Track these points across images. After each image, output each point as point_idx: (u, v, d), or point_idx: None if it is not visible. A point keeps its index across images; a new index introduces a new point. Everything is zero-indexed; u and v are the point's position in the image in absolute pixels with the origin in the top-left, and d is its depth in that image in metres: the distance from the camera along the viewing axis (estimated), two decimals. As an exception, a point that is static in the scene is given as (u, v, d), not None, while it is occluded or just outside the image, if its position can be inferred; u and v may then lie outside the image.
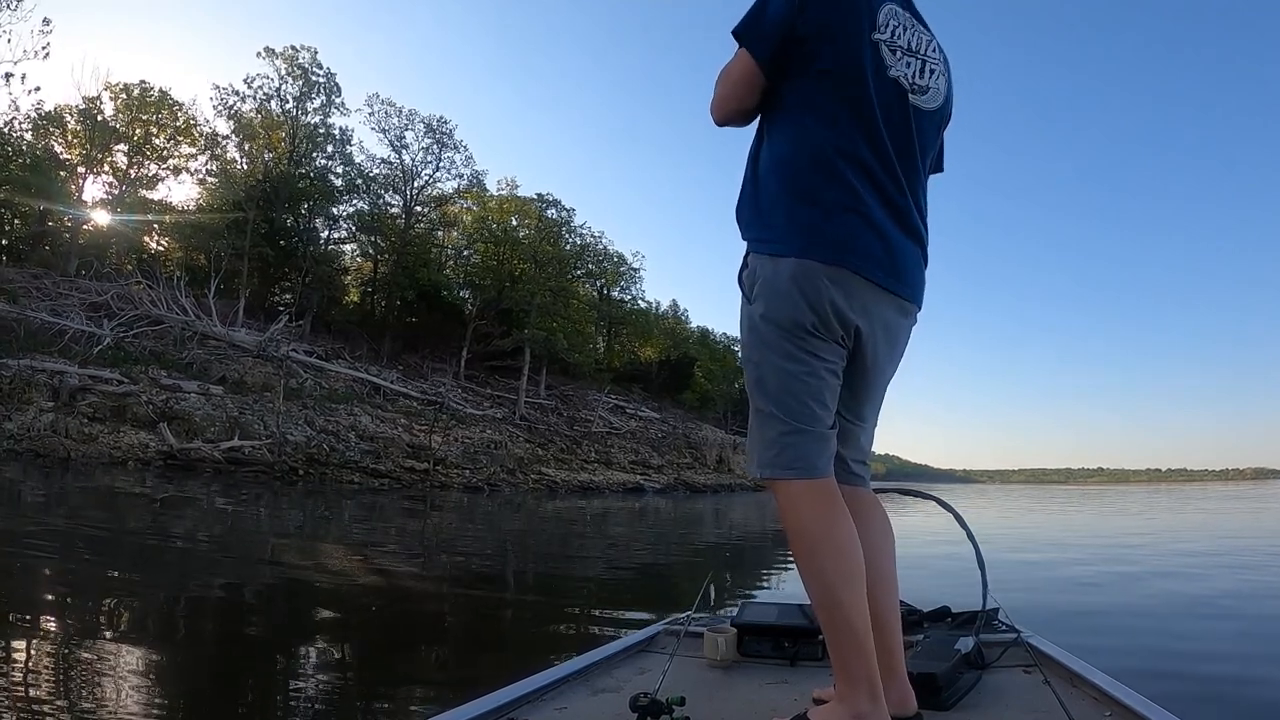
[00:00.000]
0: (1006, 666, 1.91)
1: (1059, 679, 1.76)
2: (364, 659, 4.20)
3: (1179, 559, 9.93)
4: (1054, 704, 1.53)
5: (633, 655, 2.16)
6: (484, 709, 1.54)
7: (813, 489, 1.48)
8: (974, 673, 1.80)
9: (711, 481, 40.10)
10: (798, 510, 1.47)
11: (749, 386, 1.57)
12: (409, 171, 39.93)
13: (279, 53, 35.10)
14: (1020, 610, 2.53)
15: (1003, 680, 1.82)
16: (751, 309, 1.56)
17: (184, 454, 19.59)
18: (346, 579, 6.98)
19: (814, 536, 1.45)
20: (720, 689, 1.83)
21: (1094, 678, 1.70)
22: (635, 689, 1.57)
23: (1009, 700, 1.66)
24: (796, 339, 1.50)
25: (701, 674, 1.97)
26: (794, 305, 1.49)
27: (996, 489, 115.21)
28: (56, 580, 5.73)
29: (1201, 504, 31.07)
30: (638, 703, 1.42)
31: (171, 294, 27.07)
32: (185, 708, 3.19)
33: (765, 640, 2.10)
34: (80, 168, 32.65)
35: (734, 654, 2.07)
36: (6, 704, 2.85)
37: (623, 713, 1.45)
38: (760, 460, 1.53)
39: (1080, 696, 1.67)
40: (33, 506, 10.87)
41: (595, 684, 1.86)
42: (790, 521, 1.48)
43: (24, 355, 20.70)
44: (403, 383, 32.59)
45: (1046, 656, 1.94)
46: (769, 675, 1.94)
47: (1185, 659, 4.24)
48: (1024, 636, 2.08)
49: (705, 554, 11.01)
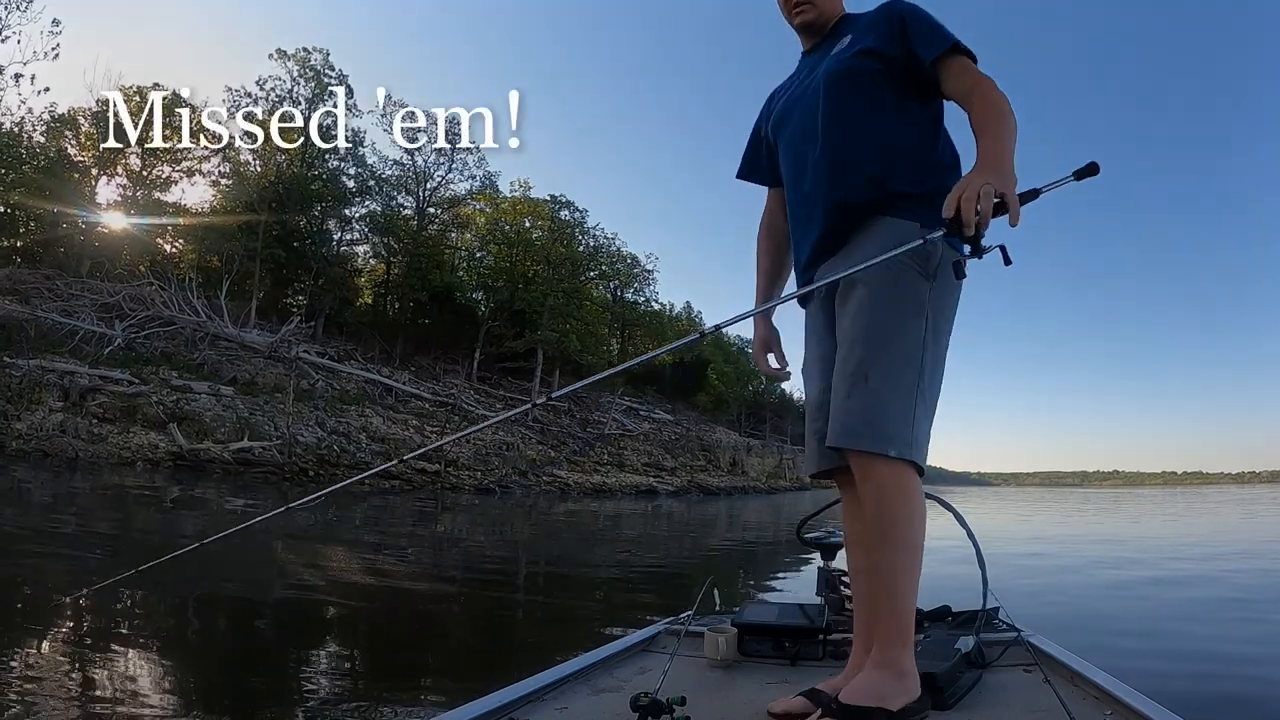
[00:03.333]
0: (1007, 666, 1.91)
1: (1060, 678, 1.76)
2: (374, 661, 4.21)
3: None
4: (1055, 703, 1.52)
5: (633, 655, 2.15)
6: (485, 709, 1.54)
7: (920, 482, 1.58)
8: (974, 672, 1.78)
9: (725, 484, 39.88)
10: (916, 498, 1.56)
11: (901, 363, 1.57)
12: (421, 172, 39.85)
13: (291, 54, 35.04)
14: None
15: (1003, 679, 1.81)
16: (928, 288, 1.59)
17: (193, 455, 19.46)
18: (356, 581, 6.94)
19: (921, 523, 1.56)
20: (721, 689, 1.83)
21: (1095, 677, 1.69)
22: (636, 689, 1.55)
23: (1009, 700, 1.66)
24: (950, 334, 1.64)
25: (702, 674, 1.97)
26: (957, 299, 1.64)
27: (1012, 491, 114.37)
28: (67, 580, 5.68)
29: (1231, 506, 30.60)
30: (638, 702, 1.42)
31: (183, 295, 27.02)
32: (198, 706, 3.21)
33: (766, 640, 2.09)
34: (94, 169, 32.68)
35: (734, 654, 2.06)
36: (18, 706, 2.88)
37: (623, 712, 1.45)
38: (902, 439, 1.54)
39: (1081, 695, 1.66)
40: (40, 506, 10.77)
41: (596, 684, 1.86)
42: (903, 507, 1.54)
43: (34, 356, 20.64)
44: (415, 384, 32.47)
45: (1047, 656, 1.93)
46: (769, 675, 1.93)
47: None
48: (1024, 636, 2.08)
49: (720, 557, 10.91)
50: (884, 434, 1.52)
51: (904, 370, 1.55)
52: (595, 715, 1.62)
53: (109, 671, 3.45)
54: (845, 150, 1.68)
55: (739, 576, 8.23)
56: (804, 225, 1.78)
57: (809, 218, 1.76)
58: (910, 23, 1.67)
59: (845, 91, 1.70)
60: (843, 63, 1.72)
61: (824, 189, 1.70)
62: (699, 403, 54.58)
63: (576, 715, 1.62)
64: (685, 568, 9.40)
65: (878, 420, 1.53)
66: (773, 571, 9.27)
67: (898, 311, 1.57)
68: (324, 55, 35.41)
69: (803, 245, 1.80)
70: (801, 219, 1.80)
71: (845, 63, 1.71)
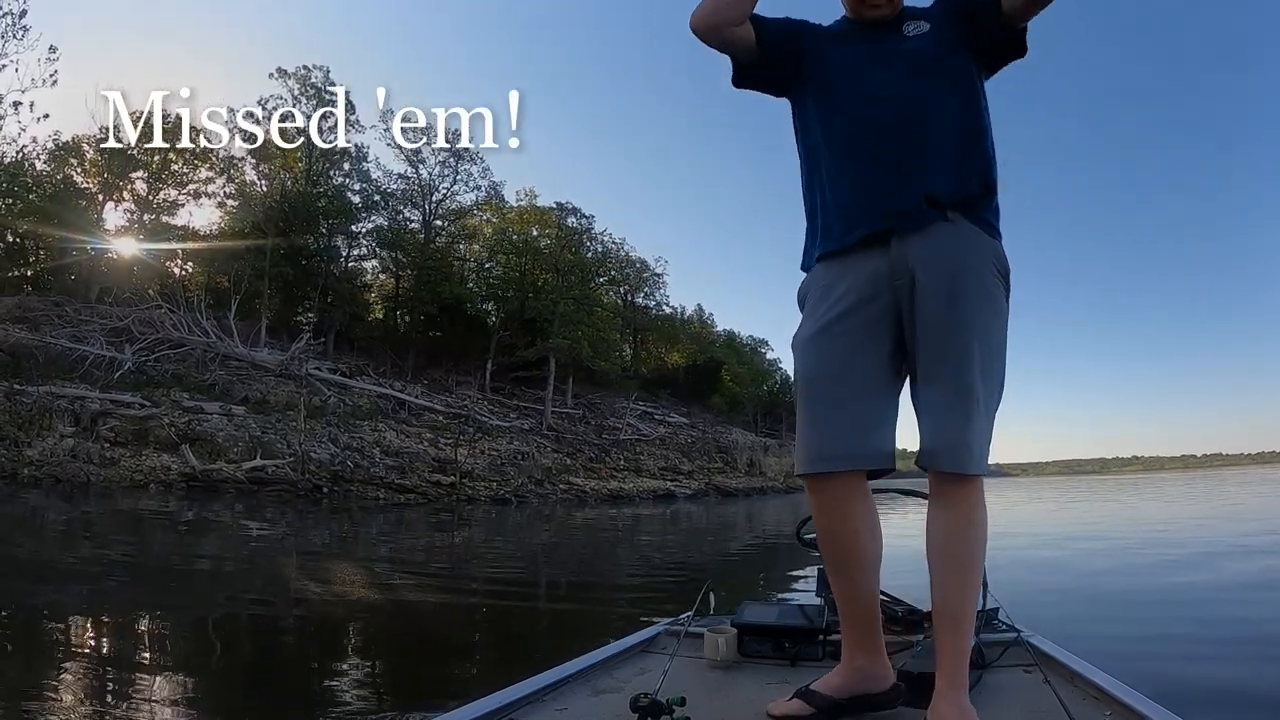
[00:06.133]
0: (1007, 666, 1.91)
1: (1059, 678, 1.76)
2: (396, 678, 4.20)
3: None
4: (1054, 703, 1.52)
5: (633, 655, 2.16)
6: (485, 709, 1.54)
7: None
8: (974, 672, 1.73)
9: (743, 485, 39.59)
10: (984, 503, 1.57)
11: (989, 384, 1.56)
12: (427, 185, 39.86)
13: (291, 73, 35.10)
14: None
15: (1003, 680, 1.82)
16: (1006, 304, 1.60)
17: (206, 475, 19.33)
18: (376, 597, 6.88)
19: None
20: (720, 689, 1.83)
21: (1094, 677, 1.69)
22: (636, 689, 1.54)
23: (1009, 700, 1.66)
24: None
25: (702, 674, 1.96)
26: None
27: (1033, 481, 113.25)
28: (88, 606, 5.70)
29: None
30: (638, 703, 1.41)
31: (193, 316, 26.99)
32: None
33: (765, 640, 2.08)
34: (99, 195, 32.79)
35: (734, 654, 2.05)
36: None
37: (623, 713, 1.44)
38: (984, 456, 1.54)
39: (1081, 696, 1.66)
40: (56, 532, 10.69)
41: (596, 684, 1.86)
42: (981, 514, 1.56)
43: (44, 382, 20.61)
44: (427, 397, 32.33)
45: (1047, 656, 1.93)
46: (769, 675, 1.92)
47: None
48: (1024, 636, 2.08)
49: (739, 559, 10.81)
50: (983, 455, 1.54)
51: (997, 389, 1.58)
52: (595, 716, 1.62)
53: (130, 698, 3.43)
54: (954, 140, 1.62)
55: (758, 579, 8.14)
56: (876, 170, 1.63)
57: (890, 165, 1.61)
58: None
59: (952, 85, 1.65)
60: (941, 49, 1.66)
61: (926, 173, 1.59)
62: (714, 405, 54.26)
63: (576, 716, 1.63)
64: (709, 569, 9.25)
65: (978, 442, 1.53)
66: (797, 570, 9.02)
67: (998, 328, 1.57)
68: (324, 73, 35.48)
69: (870, 188, 1.63)
70: (871, 162, 1.64)
71: (944, 52, 1.66)
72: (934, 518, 1.58)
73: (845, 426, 1.55)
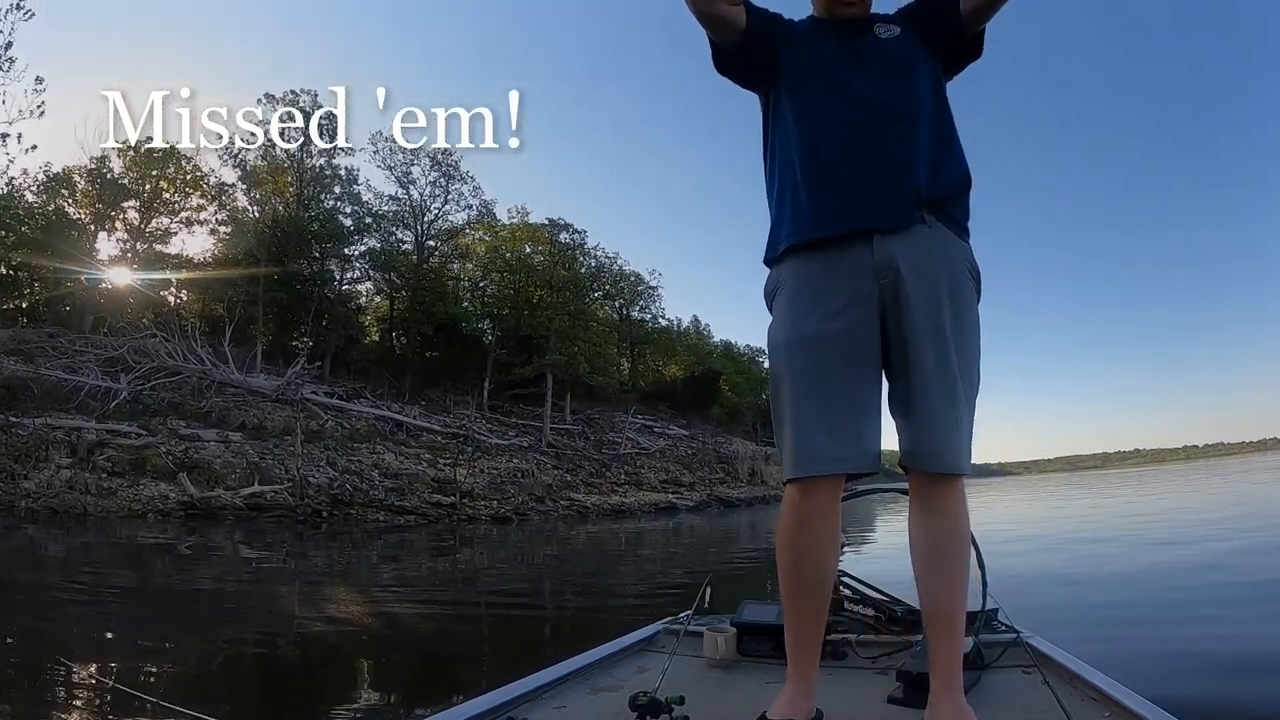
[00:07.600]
0: (1006, 667, 1.91)
1: (1058, 679, 1.76)
2: (395, 693, 4.20)
3: None
4: (1053, 704, 1.53)
5: (632, 654, 2.16)
6: (484, 707, 1.55)
7: None
8: (973, 673, 1.76)
9: (745, 495, 39.44)
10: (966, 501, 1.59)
11: (969, 385, 1.58)
12: (418, 206, 39.88)
13: (279, 98, 35.12)
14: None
15: (1002, 680, 1.82)
16: (978, 305, 1.64)
17: (204, 503, 19.21)
18: (379, 621, 6.84)
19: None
20: (720, 688, 1.84)
21: (1093, 678, 1.70)
22: (635, 688, 1.54)
23: (1008, 700, 1.67)
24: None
25: (701, 673, 1.97)
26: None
27: (1035, 479, 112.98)
28: (90, 636, 5.72)
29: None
30: (637, 701, 1.41)
31: (187, 344, 26.92)
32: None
33: (765, 640, 2.08)
34: (91, 225, 32.79)
35: (733, 653, 2.07)
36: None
37: (622, 711, 1.44)
38: (970, 456, 1.56)
39: (1079, 697, 1.67)
40: (55, 563, 10.63)
41: (595, 683, 1.87)
42: (966, 513, 1.56)
43: (40, 414, 20.52)
44: (425, 418, 32.24)
45: (1046, 657, 1.93)
46: (768, 675, 1.91)
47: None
48: (1023, 637, 2.09)
49: (743, 568, 10.71)
50: (969, 455, 1.56)
51: (975, 390, 1.60)
52: (594, 714, 1.63)
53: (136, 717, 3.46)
54: (937, 144, 1.66)
55: (762, 582, 8.05)
56: (858, 168, 1.63)
57: (871, 163, 1.62)
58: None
59: (928, 87, 1.69)
60: (913, 51, 1.71)
61: (914, 172, 1.61)
62: (713, 415, 54.23)
63: (575, 714, 1.63)
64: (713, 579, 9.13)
65: (965, 444, 1.55)
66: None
67: (975, 330, 1.60)
68: (312, 97, 35.44)
69: (849, 185, 1.62)
70: (856, 158, 1.64)
71: (916, 54, 1.70)
72: (921, 519, 1.56)
73: (836, 428, 1.52)
